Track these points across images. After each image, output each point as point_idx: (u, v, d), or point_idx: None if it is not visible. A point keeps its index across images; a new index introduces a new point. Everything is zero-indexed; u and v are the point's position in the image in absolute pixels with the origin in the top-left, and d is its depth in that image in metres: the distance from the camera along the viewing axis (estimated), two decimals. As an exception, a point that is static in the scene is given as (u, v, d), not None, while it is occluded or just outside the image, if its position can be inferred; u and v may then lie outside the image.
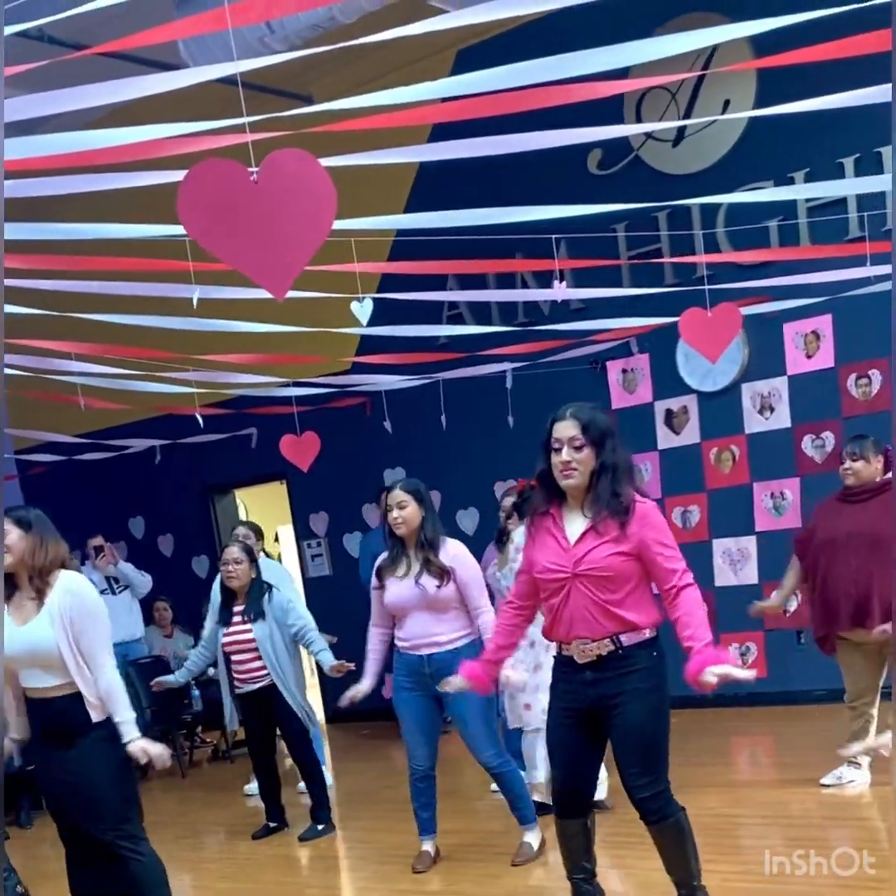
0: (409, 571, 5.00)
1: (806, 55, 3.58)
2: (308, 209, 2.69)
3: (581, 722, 3.69)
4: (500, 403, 8.24)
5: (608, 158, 8.12)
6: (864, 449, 5.45)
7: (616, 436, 3.67)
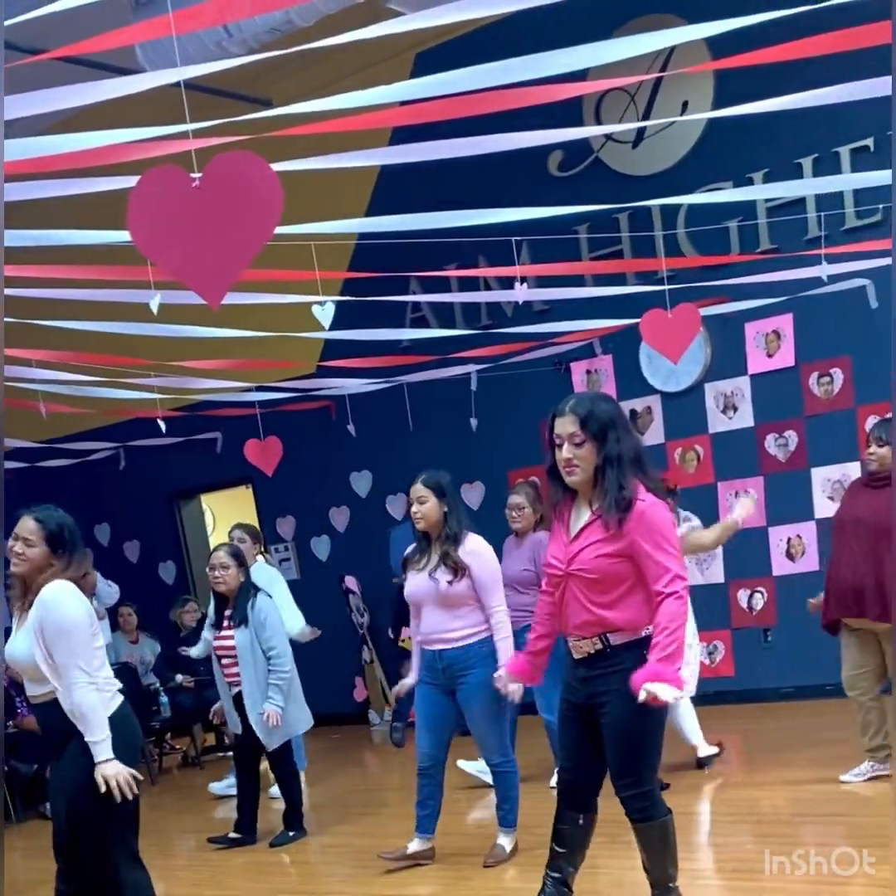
0: (428, 564, 4.96)
1: (763, 56, 3.60)
2: (250, 213, 2.64)
3: (580, 716, 3.67)
4: (465, 405, 8.24)
5: (568, 160, 8.14)
6: (889, 434, 5.34)
7: (620, 425, 3.52)
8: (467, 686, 4.93)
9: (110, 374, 7.42)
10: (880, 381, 7.16)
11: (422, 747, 5.12)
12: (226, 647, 6.04)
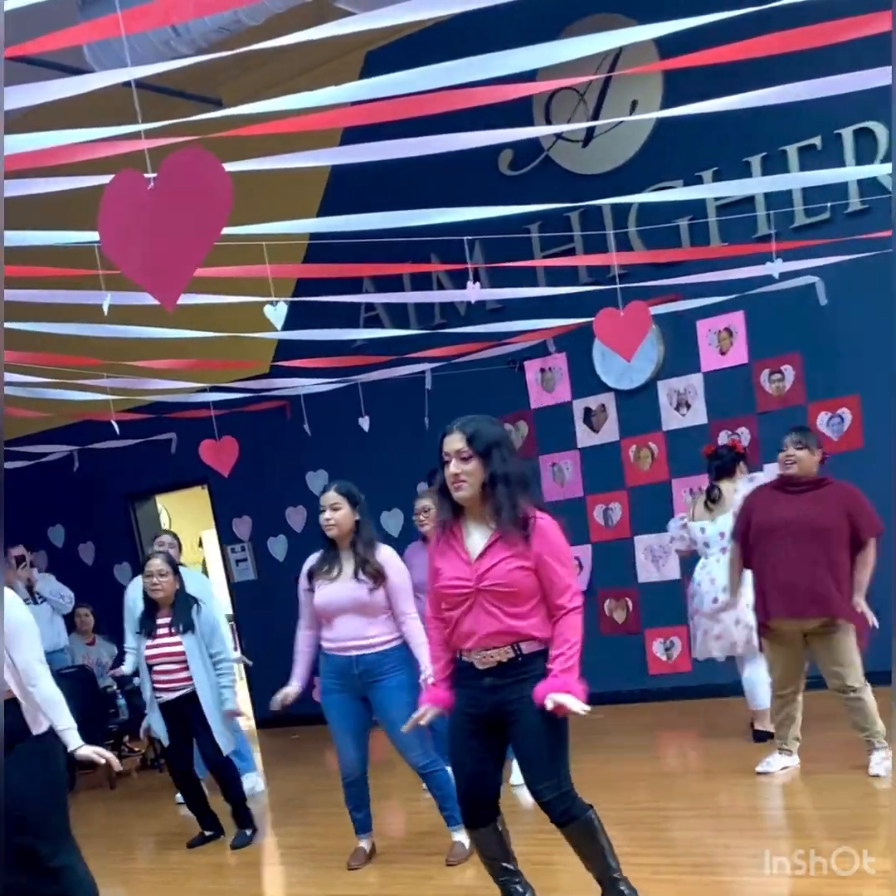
0: (342, 573, 5.01)
1: (711, 56, 3.61)
2: (200, 211, 2.62)
3: (482, 728, 3.72)
4: (421, 404, 8.23)
5: (519, 159, 8.16)
6: (808, 439, 5.45)
7: (506, 447, 3.66)
8: (386, 690, 5.00)
9: (63, 375, 7.34)
10: (830, 378, 7.25)
11: (348, 757, 5.17)
12: (167, 653, 6.01)
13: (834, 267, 6.42)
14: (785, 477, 5.51)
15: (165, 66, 3.60)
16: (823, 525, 5.31)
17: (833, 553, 5.31)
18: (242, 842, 6.10)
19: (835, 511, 5.31)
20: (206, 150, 2.68)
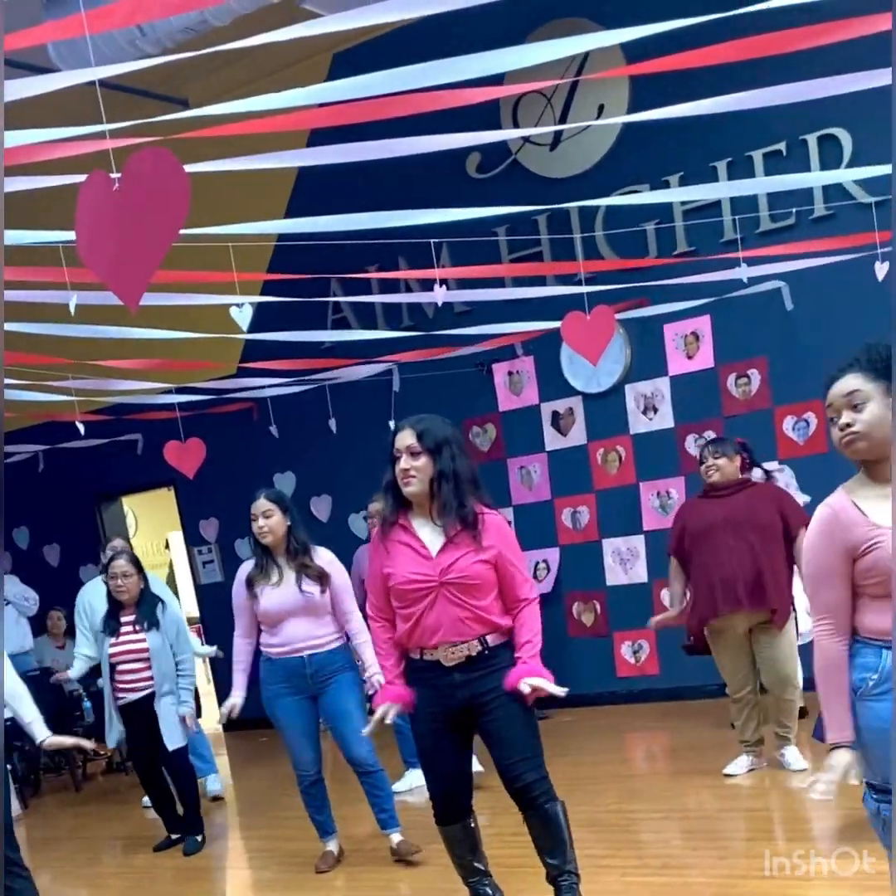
0: (283, 578, 5.05)
1: (677, 62, 3.63)
2: (161, 211, 2.61)
3: (451, 724, 3.76)
4: (388, 406, 8.21)
5: (487, 162, 8.16)
6: (724, 448, 5.66)
7: (456, 445, 3.72)
8: (336, 688, 5.06)
9: (27, 376, 7.28)
10: (796, 382, 7.29)
11: (305, 759, 5.18)
12: (131, 650, 5.98)
13: (799, 272, 6.46)
14: (709, 485, 5.69)
15: (131, 66, 3.58)
16: (760, 521, 5.48)
17: (770, 547, 5.47)
18: (195, 848, 6.06)
19: (768, 508, 5.51)
20: (165, 148, 2.66)
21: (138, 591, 6.03)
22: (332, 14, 3.37)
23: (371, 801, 5.21)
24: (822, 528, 2.73)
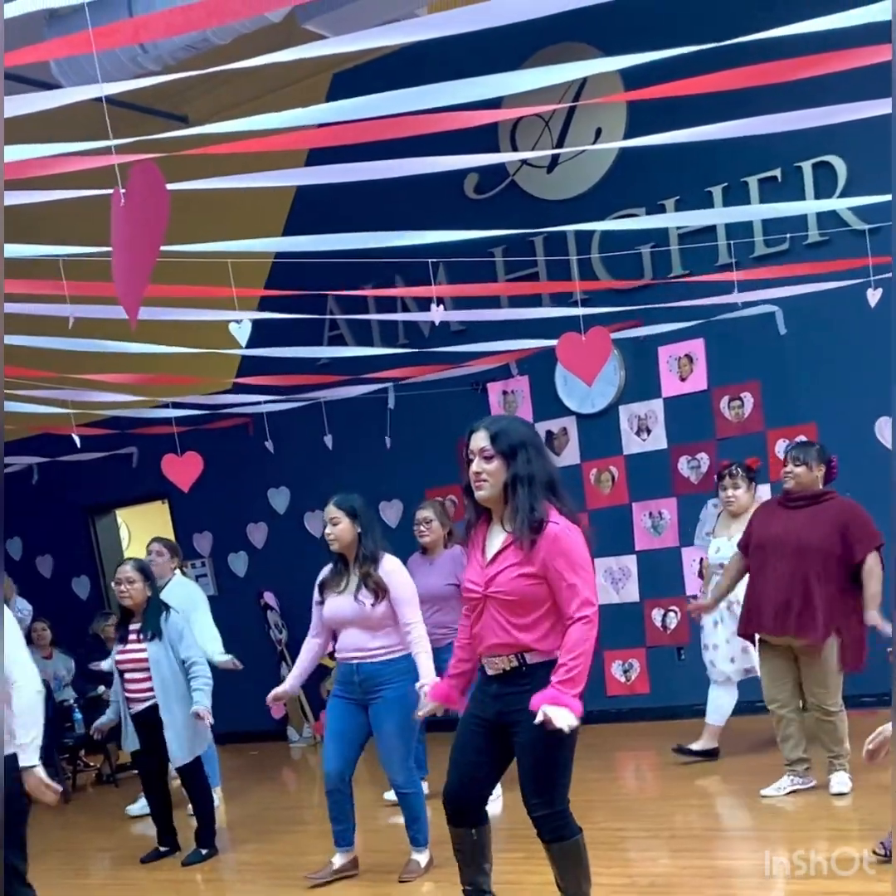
0: (348, 587, 5.01)
1: (674, 89, 3.68)
2: (147, 223, 2.65)
3: (488, 731, 3.67)
4: (383, 423, 8.25)
5: (484, 183, 8.21)
6: (807, 455, 5.44)
7: (532, 448, 3.56)
8: (383, 701, 4.99)
9: (23, 387, 7.29)
10: (789, 406, 7.34)
11: (331, 766, 5.13)
12: (134, 659, 5.99)
13: (794, 297, 6.51)
14: (784, 491, 5.55)
15: (136, 84, 3.62)
16: (812, 544, 5.31)
17: (817, 572, 5.30)
18: (195, 859, 6.05)
19: (826, 528, 5.31)
20: (150, 163, 2.69)
21: (144, 599, 6.01)
22: (333, 35, 3.42)
23: (404, 818, 5.22)
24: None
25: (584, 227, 6.42)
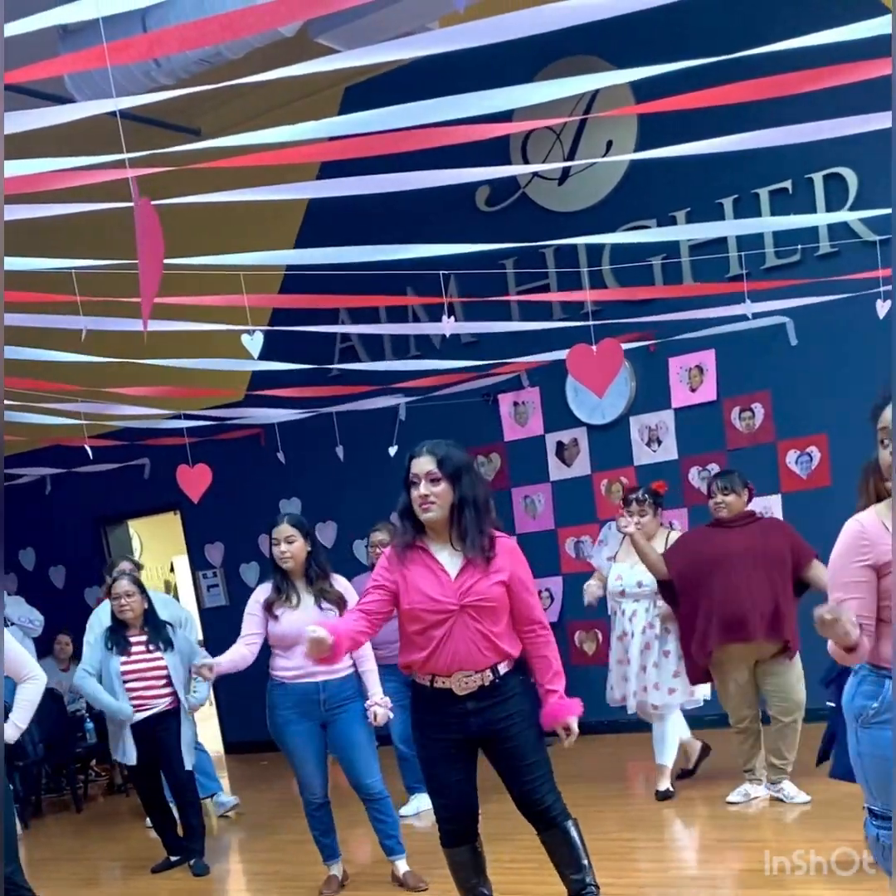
0: (301, 602, 5.05)
1: (684, 101, 3.69)
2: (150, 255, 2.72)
3: (463, 751, 3.78)
4: (394, 434, 8.26)
5: (496, 195, 8.24)
6: (733, 483, 5.66)
7: (474, 472, 3.76)
8: (346, 717, 5.06)
9: (37, 399, 7.34)
10: (799, 417, 7.34)
11: (314, 784, 5.19)
12: (140, 670, 6.02)
13: (804, 307, 6.52)
14: (718, 520, 5.70)
15: (150, 98, 3.66)
16: (774, 554, 5.51)
17: (784, 579, 5.50)
18: (204, 870, 6.06)
19: (780, 541, 5.54)
20: (144, 200, 2.75)
21: (142, 611, 6.10)
22: (345, 49, 3.44)
23: (377, 828, 5.22)
24: (848, 541, 2.78)
25: (595, 239, 6.45)
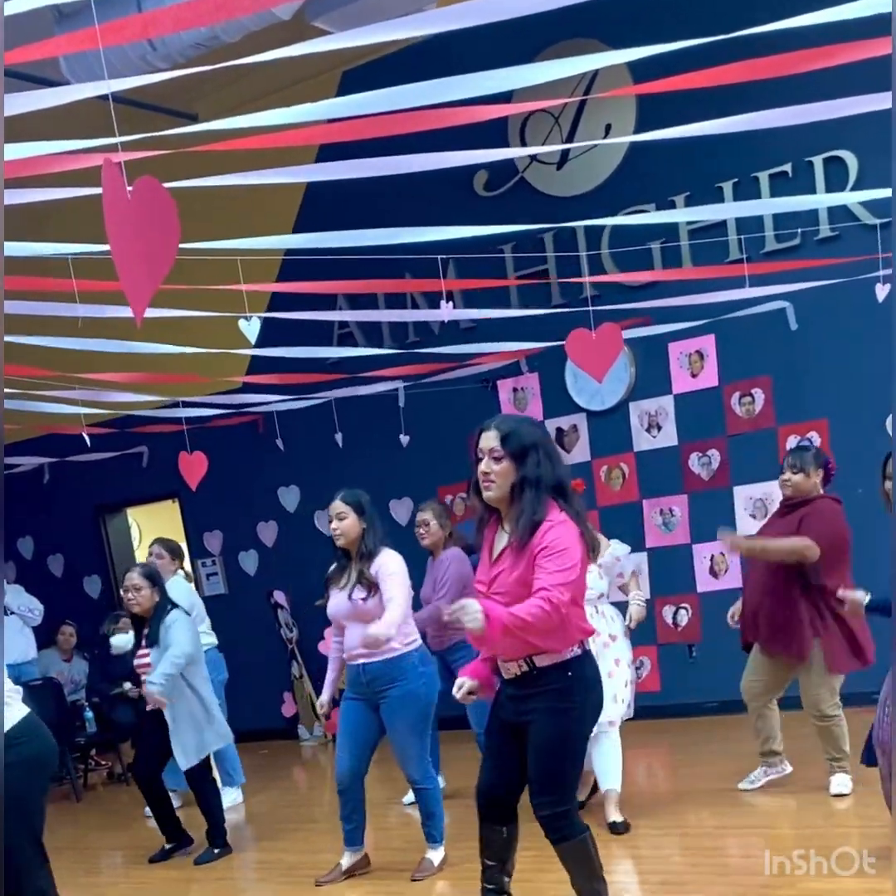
0: (348, 582, 5.01)
1: (683, 82, 3.65)
2: (157, 233, 2.66)
3: (508, 732, 3.68)
4: (394, 421, 8.24)
5: (494, 180, 8.20)
6: (804, 461, 5.32)
7: (542, 450, 3.51)
8: (391, 699, 4.98)
9: (33, 386, 7.31)
10: (800, 402, 7.32)
11: (341, 765, 5.13)
12: (143, 664, 6.04)
13: (804, 292, 6.49)
14: (785, 497, 5.47)
15: (143, 80, 3.61)
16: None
17: (789, 579, 5.26)
18: (207, 858, 6.06)
19: (792, 530, 5.26)
20: (149, 177, 2.69)
21: (152, 605, 6.03)
22: (341, 31, 3.40)
23: (420, 814, 5.24)
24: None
25: (594, 222, 6.42)
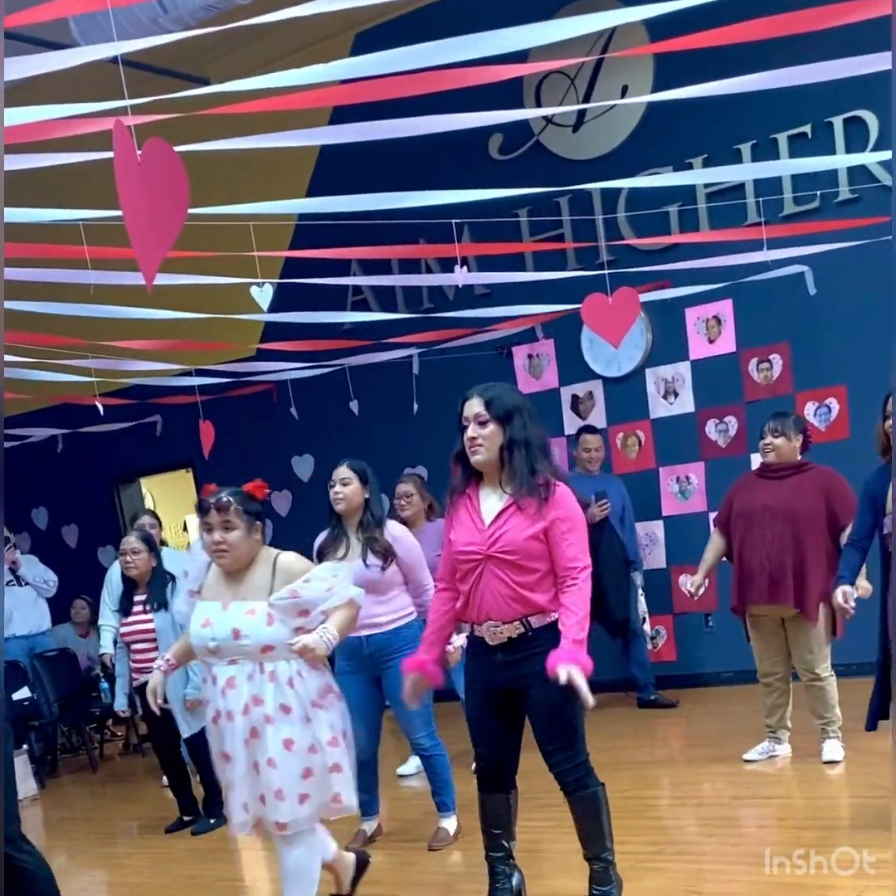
0: (350, 552, 4.97)
1: (701, 40, 3.60)
2: (167, 196, 2.64)
3: (497, 702, 3.72)
4: (408, 389, 8.21)
5: (509, 143, 8.11)
6: (785, 426, 5.44)
7: (526, 413, 3.64)
8: (395, 670, 4.92)
9: (46, 355, 7.29)
10: (818, 368, 7.24)
11: (362, 740, 5.09)
12: (141, 630, 6.02)
13: (823, 256, 6.41)
14: (763, 464, 5.56)
15: (153, 42, 3.56)
16: (797, 510, 5.33)
17: (807, 539, 5.32)
18: (204, 829, 6.08)
19: (811, 496, 5.33)
20: (156, 138, 2.66)
21: (149, 569, 6.04)
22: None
23: (431, 784, 5.24)
24: None
25: (610, 184, 6.33)
